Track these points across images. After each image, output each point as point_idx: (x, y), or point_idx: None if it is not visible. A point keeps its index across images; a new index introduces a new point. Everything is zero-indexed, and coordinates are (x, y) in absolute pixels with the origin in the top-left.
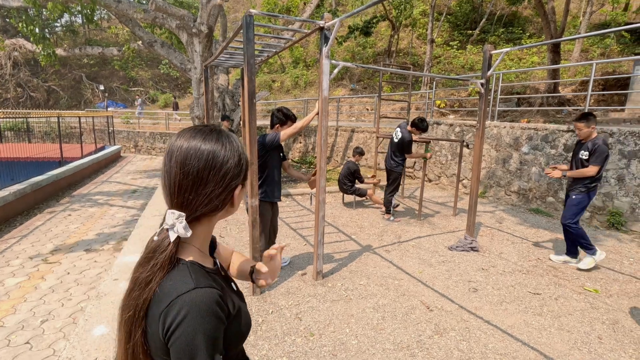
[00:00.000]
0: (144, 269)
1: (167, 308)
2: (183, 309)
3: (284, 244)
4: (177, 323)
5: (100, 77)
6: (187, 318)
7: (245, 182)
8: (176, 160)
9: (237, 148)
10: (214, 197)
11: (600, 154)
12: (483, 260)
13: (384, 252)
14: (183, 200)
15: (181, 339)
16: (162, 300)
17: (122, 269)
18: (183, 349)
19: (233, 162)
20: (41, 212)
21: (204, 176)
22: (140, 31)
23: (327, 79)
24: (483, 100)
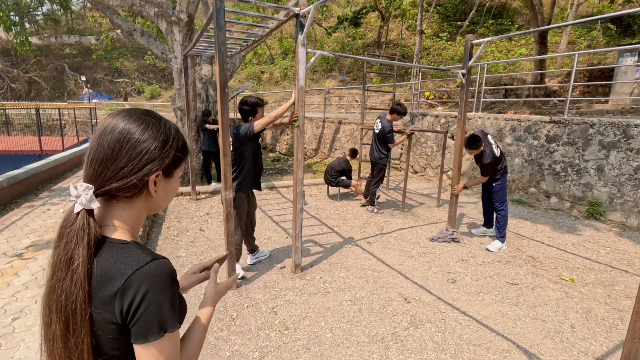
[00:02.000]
0: (59, 249)
1: (124, 285)
2: (145, 282)
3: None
4: (141, 297)
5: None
6: (150, 290)
7: (174, 174)
8: (95, 133)
9: (165, 132)
10: (125, 174)
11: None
12: (463, 251)
13: (366, 244)
14: (93, 172)
15: (148, 312)
16: (113, 280)
17: None
18: (152, 320)
19: (152, 145)
20: (19, 206)
21: (115, 150)
22: (119, 19)
23: (304, 68)
24: (464, 90)
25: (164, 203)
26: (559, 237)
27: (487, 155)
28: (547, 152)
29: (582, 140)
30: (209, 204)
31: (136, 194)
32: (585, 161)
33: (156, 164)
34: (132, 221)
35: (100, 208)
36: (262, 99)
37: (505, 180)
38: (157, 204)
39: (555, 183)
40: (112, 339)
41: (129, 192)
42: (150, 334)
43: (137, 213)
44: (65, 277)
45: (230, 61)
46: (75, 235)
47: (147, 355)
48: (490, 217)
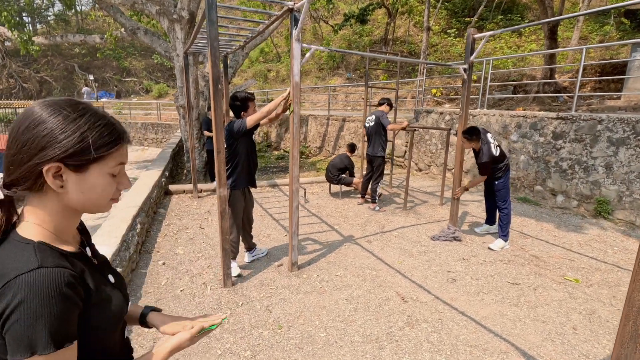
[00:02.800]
0: None
1: (1, 289)
2: (21, 291)
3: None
4: (13, 307)
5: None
6: (25, 301)
7: (90, 168)
8: (15, 121)
9: (74, 119)
10: (18, 162)
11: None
12: (465, 250)
13: (366, 242)
14: (5, 162)
15: (17, 325)
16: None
17: None
18: (20, 337)
19: (49, 129)
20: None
21: (15, 136)
22: (123, 18)
23: (299, 64)
24: (466, 86)
25: (88, 202)
26: (564, 236)
27: (484, 153)
28: (554, 149)
29: (590, 137)
30: (211, 202)
31: (38, 188)
32: (593, 158)
33: (53, 152)
34: (49, 219)
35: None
36: (252, 93)
37: (507, 178)
38: (73, 202)
39: (562, 181)
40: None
41: (26, 185)
42: (15, 353)
43: (54, 211)
44: None
45: (233, 58)
46: None
47: None
48: (493, 214)
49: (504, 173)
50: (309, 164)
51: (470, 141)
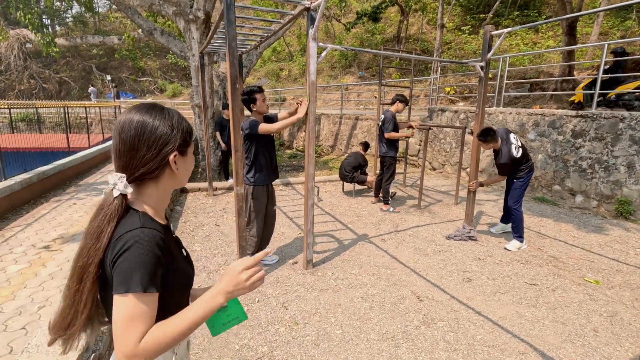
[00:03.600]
0: (94, 223)
1: (115, 241)
2: (129, 241)
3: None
4: (122, 251)
5: (110, 68)
6: (131, 248)
7: (187, 151)
8: (116, 130)
9: (169, 119)
10: (148, 160)
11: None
12: (481, 249)
13: (380, 241)
14: (122, 163)
15: (123, 264)
16: (116, 238)
17: None
18: (123, 271)
19: (163, 130)
20: (47, 200)
21: (135, 142)
22: (140, 19)
23: (315, 63)
24: (483, 84)
25: (185, 178)
26: (584, 237)
27: (504, 154)
28: (573, 147)
29: (611, 136)
30: (226, 200)
31: (161, 174)
32: (615, 157)
33: (170, 146)
34: (156, 198)
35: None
36: (260, 86)
37: (528, 179)
38: (180, 179)
39: (582, 180)
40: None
41: (154, 174)
42: (117, 289)
43: (163, 190)
44: (93, 245)
45: (247, 58)
46: (109, 214)
47: (115, 305)
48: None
49: (526, 174)
50: (321, 163)
51: (486, 143)
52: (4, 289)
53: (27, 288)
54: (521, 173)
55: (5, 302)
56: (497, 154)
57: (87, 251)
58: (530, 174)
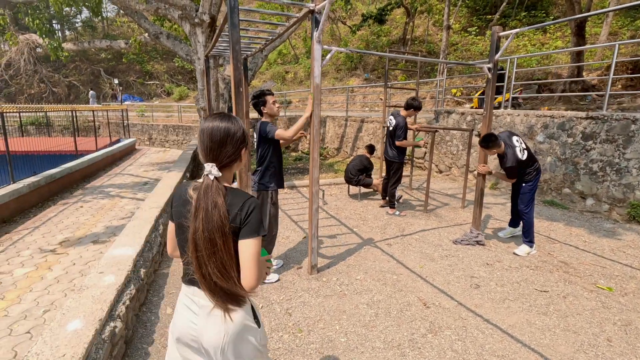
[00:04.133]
0: (206, 199)
1: (243, 204)
2: (253, 203)
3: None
4: (253, 208)
5: (118, 72)
6: (256, 207)
7: (248, 146)
8: (207, 134)
9: (241, 125)
10: (231, 153)
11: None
12: (489, 254)
13: (385, 245)
14: (213, 156)
15: (253, 219)
16: (236, 204)
17: (109, 262)
18: (254, 226)
19: (240, 133)
20: (55, 203)
21: (224, 141)
22: (146, 23)
23: (319, 65)
24: (490, 85)
25: (245, 163)
26: (595, 242)
27: (509, 158)
28: (583, 150)
29: (623, 137)
30: None
31: (235, 162)
32: (627, 160)
33: (244, 144)
34: (229, 177)
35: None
36: (269, 89)
37: (537, 182)
38: (243, 164)
39: (592, 183)
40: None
41: (234, 162)
42: (253, 233)
43: (232, 173)
44: (213, 212)
45: (253, 61)
46: (216, 191)
47: (247, 246)
48: (518, 216)
49: (534, 177)
50: (327, 165)
51: (489, 149)
52: (10, 292)
53: (32, 292)
54: (529, 176)
55: (11, 306)
56: (502, 158)
57: (215, 218)
58: (538, 176)
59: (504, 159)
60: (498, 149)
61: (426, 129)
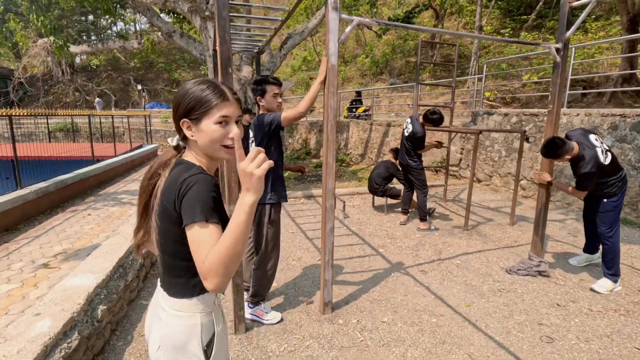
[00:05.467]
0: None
1: (182, 181)
2: (193, 180)
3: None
4: (187, 189)
5: (147, 80)
6: (193, 187)
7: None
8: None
9: (190, 91)
10: (178, 120)
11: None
12: (557, 290)
13: (419, 273)
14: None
15: (191, 194)
16: (176, 180)
17: (57, 297)
18: (188, 208)
19: (179, 100)
20: (64, 211)
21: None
22: (159, 21)
23: (336, 40)
24: (558, 72)
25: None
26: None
27: (588, 160)
28: None
29: None
30: None
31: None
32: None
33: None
34: (200, 157)
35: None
36: (276, 77)
37: (623, 196)
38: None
39: None
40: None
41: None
42: (185, 220)
43: (201, 154)
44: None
45: (271, 60)
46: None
47: (188, 235)
48: (595, 240)
49: (619, 189)
50: (349, 173)
51: (558, 157)
52: None
53: (8, 314)
54: (612, 188)
55: None
56: (577, 163)
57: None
58: (624, 189)
59: (580, 162)
60: (570, 153)
61: (469, 132)
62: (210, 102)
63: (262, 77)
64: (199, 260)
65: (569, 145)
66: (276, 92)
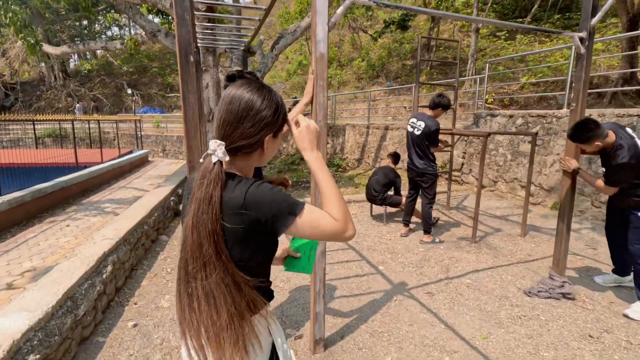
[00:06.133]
0: (201, 189)
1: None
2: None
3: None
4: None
5: (140, 85)
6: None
7: (279, 135)
8: (224, 101)
9: (276, 102)
10: (248, 134)
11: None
12: (586, 317)
13: (425, 295)
14: (225, 133)
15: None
16: (236, 199)
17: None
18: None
19: (268, 112)
20: (41, 221)
21: (242, 116)
22: (142, 20)
23: (325, 23)
24: (583, 64)
25: (269, 158)
26: None
27: (627, 149)
28: None
29: None
30: None
31: (254, 150)
32: None
33: (269, 128)
34: (245, 170)
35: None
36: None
37: None
38: (266, 157)
39: None
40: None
41: (250, 149)
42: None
43: (250, 164)
44: (207, 210)
45: (262, 61)
46: (213, 180)
47: (298, 226)
48: (626, 261)
49: None
50: (345, 179)
51: (587, 142)
52: None
53: None
54: None
55: None
56: (613, 152)
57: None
58: None
59: (617, 151)
60: (602, 141)
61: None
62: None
63: (236, 71)
64: (330, 223)
65: (602, 130)
66: None
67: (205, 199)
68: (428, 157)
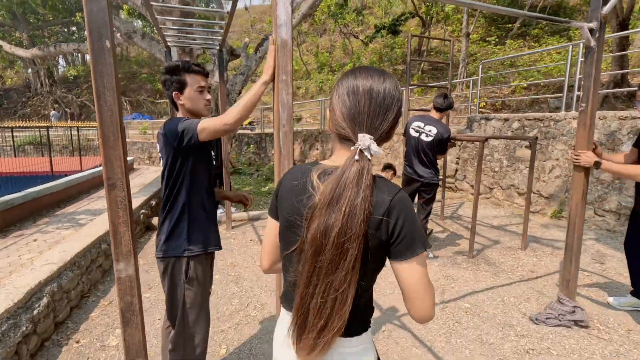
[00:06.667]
0: (358, 188)
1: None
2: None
3: None
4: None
5: (129, 91)
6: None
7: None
8: (364, 91)
9: (396, 87)
10: (392, 125)
11: None
12: (604, 350)
13: (418, 324)
14: (372, 125)
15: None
16: (382, 204)
17: None
18: (418, 226)
19: (398, 99)
20: (6, 236)
21: (389, 106)
22: (117, 21)
23: (288, 2)
24: (593, 59)
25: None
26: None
27: None
28: None
29: None
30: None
31: (389, 138)
32: None
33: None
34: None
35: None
36: (199, 64)
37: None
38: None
39: None
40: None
41: (386, 139)
42: (418, 248)
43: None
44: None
45: (246, 64)
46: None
47: (411, 269)
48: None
49: None
50: None
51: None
52: None
53: None
54: None
55: None
56: None
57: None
58: None
59: None
60: None
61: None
62: None
63: (175, 64)
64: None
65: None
66: (202, 84)
67: (362, 198)
68: (435, 166)
